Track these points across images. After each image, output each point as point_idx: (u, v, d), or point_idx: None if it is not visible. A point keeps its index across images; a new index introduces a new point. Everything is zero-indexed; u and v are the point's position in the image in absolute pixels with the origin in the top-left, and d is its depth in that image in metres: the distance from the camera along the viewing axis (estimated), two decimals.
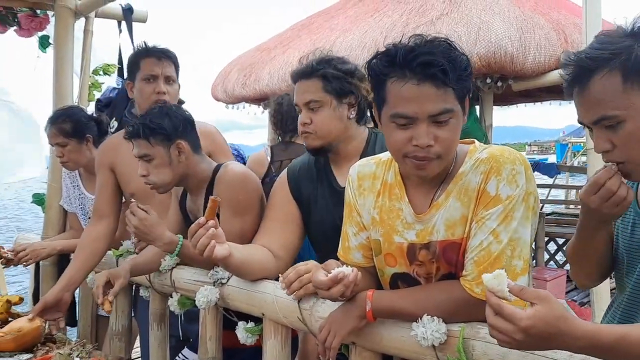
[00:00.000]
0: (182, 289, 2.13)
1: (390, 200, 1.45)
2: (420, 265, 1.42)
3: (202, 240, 1.56)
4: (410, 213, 1.41)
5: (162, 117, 1.98)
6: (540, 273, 5.20)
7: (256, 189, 2.07)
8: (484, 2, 4.49)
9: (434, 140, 1.26)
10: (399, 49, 1.25)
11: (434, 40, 1.26)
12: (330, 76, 1.79)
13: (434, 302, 1.36)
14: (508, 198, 1.28)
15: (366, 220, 1.51)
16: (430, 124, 1.25)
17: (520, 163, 1.30)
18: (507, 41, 4.07)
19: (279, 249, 1.88)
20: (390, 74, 1.26)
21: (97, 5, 3.13)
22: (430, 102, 1.24)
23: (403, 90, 1.24)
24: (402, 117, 1.26)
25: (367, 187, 1.51)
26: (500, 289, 1.04)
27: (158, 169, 1.99)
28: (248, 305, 1.87)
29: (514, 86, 4.40)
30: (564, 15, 4.65)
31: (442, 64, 1.21)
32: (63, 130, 2.64)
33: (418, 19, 4.61)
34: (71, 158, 2.69)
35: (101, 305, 2.01)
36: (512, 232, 1.28)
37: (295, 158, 2.14)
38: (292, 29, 6.17)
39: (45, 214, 3.11)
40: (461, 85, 1.26)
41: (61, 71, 3.08)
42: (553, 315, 1.00)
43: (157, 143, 1.97)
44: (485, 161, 1.32)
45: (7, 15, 3.27)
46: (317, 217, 1.90)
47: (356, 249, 1.55)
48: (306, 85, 1.82)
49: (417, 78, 1.23)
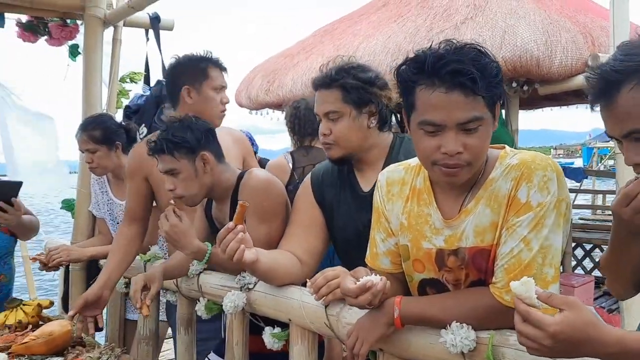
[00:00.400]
0: (209, 294, 2.15)
1: (418, 205, 1.45)
2: (449, 272, 1.42)
3: (231, 244, 1.58)
4: (439, 219, 1.41)
5: (184, 130, 1.99)
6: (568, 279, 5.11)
7: (280, 195, 2.08)
8: (508, 5, 4.45)
9: (462, 148, 1.25)
10: (428, 56, 1.24)
11: (464, 47, 1.25)
12: (349, 86, 1.78)
13: (463, 309, 1.35)
14: (539, 205, 1.27)
15: (394, 225, 1.51)
16: (459, 132, 1.25)
17: (552, 169, 1.29)
18: (532, 45, 4.03)
19: (303, 254, 1.89)
20: (419, 81, 1.26)
21: (125, 15, 3.19)
22: (458, 110, 1.23)
23: (431, 98, 1.24)
24: (430, 125, 1.26)
25: (396, 192, 1.51)
26: (528, 295, 1.04)
27: (185, 182, 2.00)
28: (275, 310, 1.88)
29: (540, 90, 4.35)
30: (591, 18, 4.58)
31: (471, 73, 1.20)
32: (93, 137, 2.69)
33: (442, 24, 4.59)
34: (100, 164, 2.74)
35: (139, 310, 2.03)
36: (543, 240, 1.27)
37: (318, 163, 2.15)
38: (315, 34, 6.19)
39: (74, 220, 3.16)
40: (491, 92, 1.25)
41: (90, 79, 3.14)
42: (582, 321, 0.99)
43: (182, 156, 1.98)
44: (516, 167, 1.31)
45: (38, 25, 3.35)
46: (339, 222, 1.91)
47: (384, 255, 1.55)
48: (325, 96, 1.82)
49: (446, 86, 1.22)
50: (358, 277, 1.37)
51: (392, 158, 1.85)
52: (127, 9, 3.08)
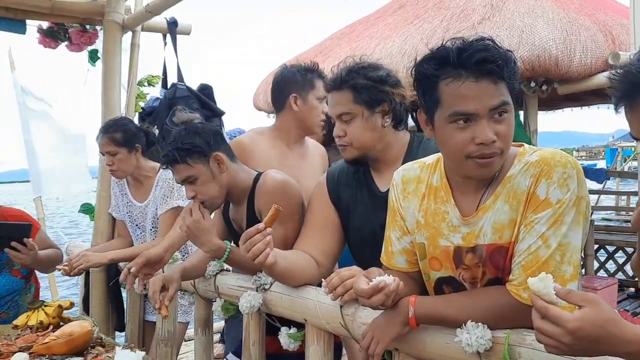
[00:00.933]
0: (226, 294, 2.16)
1: (435, 203, 1.44)
2: (467, 269, 1.41)
3: (258, 245, 1.58)
4: (456, 216, 1.40)
5: (192, 136, 2.01)
6: (590, 282, 5.04)
7: (296, 196, 2.08)
8: (526, 5, 4.41)
9: (495, 136, 1.26)
10: (450, 50, 1.25)
11: (481, 38, 1.27)
12: (359, 87, 1.77)
13: (479, 308, 1.34)
14: (558, 202, 1.26)
15: (410, 224, 1.51)
16: (490, 120, 1.25)
17: (572, 166, 1.28)
18: (551, 44, 3.99)
19: (319, 255, 1.89)
20: (443, 75, 1.26)
21: (143, 20, 3.23)
22: (489, 97, 1.24)
23: (462, 89, 1.24)
24: (462, 115, 1.25)
25: (412, 190, 1.51)
26: (547, 292, 1.02)
27: (204, 186, 2.01)
28: (290, 310, 1.89)
29: (559, 89, 4.30)
30: (611, 17, 4.52)
31: (497, 59, 1.22)
32: (114, 139, 2.72)
33: (459, 24, 4.57)
34: (120, 167, 2.77)
35: (158, 310, 2.04)
36: (562, 237, 1.25)
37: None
38: (332, 37, 6.20)
39: (94, 222, 3.21)
40: (513, 79, 1.27)
41: (109, 83, 3.19)
42: (602, 318, 0.97)
43: (196, 162, 1.99)
44: (535, 164, 1.30)
45: (58, 32, 3.41)
46: (356, 222, 1.90)
47: (399, 253, 1.55)
48: (337, 97, 1.81)
49: (475, 75, 1.23)
50: (371, 278, 1.37)
51: (412, 157, 1.82)
52: (144, 14, 3.12)
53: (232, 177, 2.08)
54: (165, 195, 2.80)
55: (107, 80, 3.19)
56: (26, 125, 5.04)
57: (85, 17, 3.33)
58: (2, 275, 2.50)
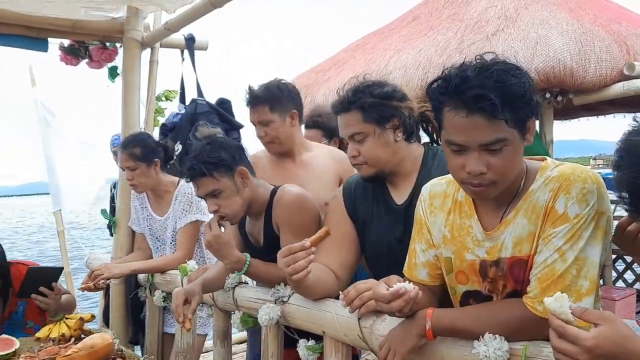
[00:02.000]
0: (245, 307, 2.19)
1: (460, 217, 1.47)
2: (492, 282, 1.43)
3: (301, 262, 1.62)
4: (479, 230, 1.42)
5: (218, 150, 2.04)
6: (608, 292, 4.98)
7: (312, 209, 2.12)
8: (540, 16, 4.41)
9: (486, 167, 1.26)
10: (453, 78, 1.26)
11: (489, 67, 1.24)
12: (367, 105, 1.79)
13: (496, 321, 1.35)
14: (577, 217, 1.27)
15: (436, 238, 1.53)
16: (482, 152, 1.26)
17: (592, 182, 1.28)
18: (566, 55, 3.99)
19: (337, 268, 1.91)
20: (445, 102, 1.28)
21: (161, 37, 3.29)
22: (480, 132, 1.24)
23: (455, 120, 1.26)
24: (454, 145, 1.29)
25: (438, 205, 1.54)
26: (563, 311, 1.03)
27: (228, 200, 2.04)
28: (309, 323, 1.91)
29: (574, 100, 4.29)
30: (625, 27, 4.51)
31: (491, 98, 1.19)
32: (133, 154, 2.78)
33: (473, 36, 4.58)
34: (140, 181, 2.82)
35: (181, 324, 2.06)
36: (579, 252, 1.26)
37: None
38: (346, 50, 6.24)
39: (114, 235, 3.26)
40: (517, 114, 1.24)
41: (129, 99, 3.25)
42: (619, 335, 0.98)
43: (222, 175, 2.02)
44: (555, 179, 1.32)
45: (79, 49, 3.48)
46: (372, 236, 1.92)
47: (422, 265, 1.57)
48: (347, 119, 1.83)
49: (467, 110, 1.23)
50: (390, 284, 1.39)
51: (426, 170, 1.86)
52: (163, 31, 3.18)
53: (253, 192, 2.12)
54: (184, 209, 2.84)
55: (126, 96, 3.25)
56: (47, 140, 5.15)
57: (105, 34, 3.40)
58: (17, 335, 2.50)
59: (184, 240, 2.82)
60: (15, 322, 2.67)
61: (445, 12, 5.30)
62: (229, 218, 2.07)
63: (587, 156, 72.72)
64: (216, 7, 2.63)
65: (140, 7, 3.13)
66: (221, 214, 2.05)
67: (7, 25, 3.16)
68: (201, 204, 2.84)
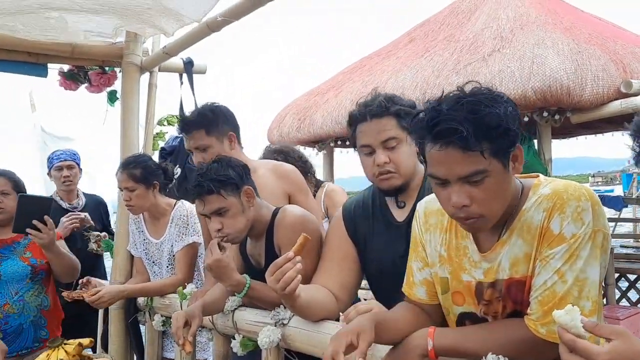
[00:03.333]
0: (244, 330, 2.16)
1: (456, 237, 1.45)
2: (487, 305, 1.41)
3: (289, 273, 1.58)
4: (475, 251, 1.41)
5: (226, 169, 2.04)
6: (612, 311, 4.94)
7: (315, 230, 2.10)
8: (536, 36, 4.46)
9: (469, 200, 1.24)
10: (426, 112, 1.25)
11: (462, 98, 1.22)
12: (402, 112, 1.79)
13: (499, 341, 1.33)
14: (573, 237, 1.24)
15: (431, 256, 1.51)
16: (464, 184, 1.24)
17: (586, 199, 1.26)
18: (562, 74, 4.02)
19: (338, 290, 1.90)
20: (423, 137, 1.27)
21: (160, 61, 3.31)
22: (457, 166, 1.22)
23: (432, 154, 1.25)
24: (436, 178, 1.28)
25: (434, 223, 1.51)
26: (574, 324, 1.01)
27: (233, 219, 2.04)
28: (309, 345, 1.89)
29: (572, 118, 4.32)
30: (621, 45, 4.56)
31: (460, 131, 1.17)
32: (133, 175, 2.77)
33: (469, 57, 4.63)
34: (137, 203, 2.81)
35: (182, 347, 2.04)
36: (579, 272, 1.24)
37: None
38: (344, 72, 6.30)
39: (113, 259, 3.23)
40: (494, 145, 1.21)
41: (128, 123, 3.25)
42: (632, 351, 0.95)
43: (229, 194, 2.02)
44: (548, 197, 1.29)
45: (78, 74, 3.50)
46: (373, 254, 1.91)
47: (420, 284, 1.55)
48: (381, 124, 1.80)
49: (440, 144, 1.22)
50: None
51: (427, 189, 1.84)
52: (162, 55, 3.20)
53: (257, 212, 2.11)
54: (181, 232, 2.83)
55: (125, 120, 3.25)
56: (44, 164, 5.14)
57: (104, 59, 3.42)
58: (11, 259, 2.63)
59: (182, 263, 2.80)
60: (15, 250, 2.78)
61: (442, 33, 5.37)
62: (231, 238, 2.06)
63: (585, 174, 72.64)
64: (214, 31, 2.65)
65: (139, 32, 3.16)
66: (223, 233, 2.04)
67: (8, 51, 3.18)
68: (197, 226, 2.83)
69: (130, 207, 2.83)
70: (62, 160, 3.80)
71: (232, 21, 2.55)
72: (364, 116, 1.83)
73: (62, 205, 3.76)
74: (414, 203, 1.84)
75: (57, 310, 2.95)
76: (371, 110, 1.81)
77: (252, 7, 2.35)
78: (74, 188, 3.86)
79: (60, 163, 3.79)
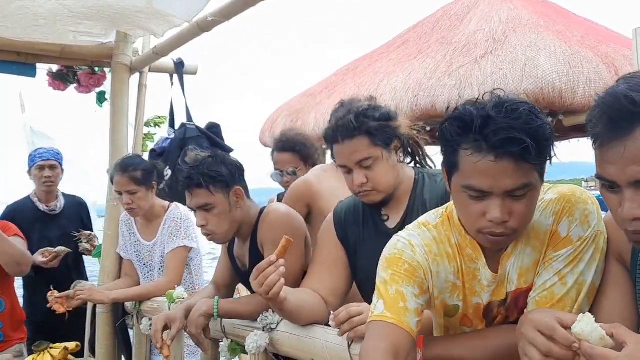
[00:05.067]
0: (232, 334, 2.13)
1: (466, 262, 1.35)
2: (493, 322, 1.37)
3: (272, 277, 1.54)
4: (487, 275, 1.32)
5: (219, 165, 2.01)
6: None
7: (299, 228, 2.06)
8: (528, 38, 4.46)
9: (509, 215, 1.16)
10: (475, 118, 1.13)
11: (516, 108, 1.12)
12: (374, 129, 1.73)
13: (490, 348, 1.31)
14: (579, 239, 1.23)
15: (440, 288, 1.37)
16: (506, 198, 1.15)
17: (592, 202, 1.25)
18: (554, 76, 4.02)
19: (328, 294, 1.87)
20: (464, 144, 1.16)
21: (150, 61, 3.29)
22: (507, 178, 1.13)
23: (479, 165, 1.13)
24: (475, 191, 1.17)
25: (437, 252, 1.37)
26: (594, 328, 0.97)
27: (218, 218, 2.00)
28: (298, 350, 1.86)
29: (564, 121, 4.32)
30: (613, 48, 4.57)
31: (524, 142, 1.09)
32: (134, 178, 2.71)
33: (462, 59, 4.62)
34: (140, 205, 2.76)
35: (160, 350, 2.01)
36: (579, 275, 1.22)
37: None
38: (336, 74, 6.28)
39: (101, 262, 3.20)
40: (543, 157, 1.16)
41: (117, 124, 3.22)
42: None
43: (218, 191, 1.99)
44: (556, 201, 1.27)
45: (67, 74, 3.47)
46: (363, 260, 1.88)
47: (414, 313, 1.30)
48: (353, 145, 1.74)
49: (495, 154, 1.11)
50: None
51: (418, 194, 1.83)
52: (152, 56, 3.17)
53: (245, 214, 2.08)
54: (172, 234, 2.80)
55: (115, 120, 3.22)
56: None
57: (93, 59, 3.39)
58: None
59: (171, 266, 2.76)
60: None
61: (434, 35, 5.36)
62: (215, 237, 2.03)
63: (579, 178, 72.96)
64: (204, 31, 2.63)
65: (129, 32, 3.13)
66: (208, 231, 2.01)
67: None
68: (189, 229, 2.80)
69: (131, 210, 2.79)
70: (44, 160, 3.56)
71: (223, 21, 2.53)
72: (335, 138, 1.78)
73: (38, 207, 3.60)
74: (405, 210, 1.82)
75: (14, 312, 2.89)
76: (342, 133, 1.75)
77: (243, 7, 2.33)
78: (54, 189, 3.65)
79: (43, 162, 3.55)
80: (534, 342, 1.03)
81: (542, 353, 1.02)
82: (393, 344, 1.24)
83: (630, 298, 1.21)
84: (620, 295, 1.22)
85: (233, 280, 2.35)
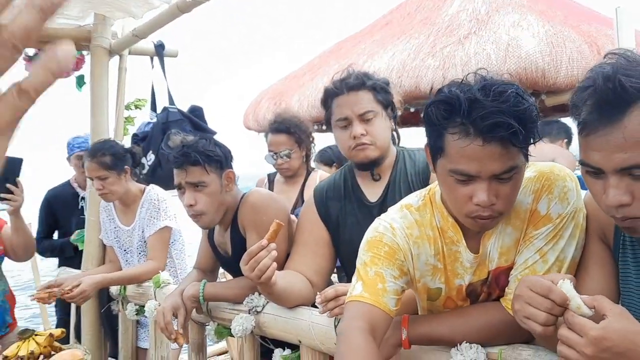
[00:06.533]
0: (218, 317, 2.13)
1: (447, 244, 1.35)
2: (480, 299, 1.38)
3: (265, 261, 1.54)
4: (468, 257, 1.33)
5: (214, 146, 2.02)
6: None
7: (281, 209, 2.03)
8: (511, 18, 4.46)
9: (495, 197, 1.16)
10: (463, 101, 1.11)
11: (503, 90, 1.10)
12: (378, 87, 1.81)
13: (473, 327, 1.32)
14: (559, 217, 1.24)
15: (421, 270, 1.38)
16: (492, 181, 1.15)
17: (570, 179, 1.26)
18: (537, 56, 4.03)
19: (312, 275, 1.87)
20: (451, 128, 1.14)
21: (129, 44, 3.22)
22: (495, 162, 1.12)
23: (466, 150, 1.12)
24: (462, 174, 1.16)
25: (417, 235, 1.37)
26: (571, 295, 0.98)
27: (210, 198, 1.99)
28: (284, 332, 1.86)
29: (547, 101, 4.33)
30: (595, 28, 4.58)
31: (512, 126, 1.07)
32: (103, 163, 2.67)
33: (445, 39, 4.61)
34: (112, 190, 2.72)
35: (174, 341, 1.99)
36: (560, 252, 1.23)
37: None
38: (320, 56, 6.24)
39: (84, 248, 3.16)
40: (530, 141, 1.15)
41: (97, 108, 3.16)
42: (628, 329, 0.92)
43: (212, 170, 1.98)
44: (535, 180, 1.27)
45: None
46: (346, 235, 1.88)
47: (393, 293, 1.31)
48: (358, 97, 1.80)
49: (483, 139, 1.10)
50: None
51: (399, 171, 1.86)
52: (131, 38, 3.11)
53: (232, 199, 2.07)
54: (152, 217, 2.76)
55: (95, 105, 3.16)
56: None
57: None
58: None
59: (156, 249, 2.72)
60: None
61: (418, 16, 5.33)
62: (202, 219, 2.01)
63: None
64: (184, 12, 2.58)
65: (107, 15, 3.06)
66: (196, 211, 1.98)
67: None
68: (169, 210, 2.76)
69: (103, 195, 2.75)
70: (83, 150, 3.60)
71: (203, 2, 2.49)
72: (340, 89, 1.82)
73: (78, 193, 3.79)
74: (386, 183, 1.85)
75: (13, 296, 2.88)
76: (348, 84, 1.81)
77: None
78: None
79: (81, 152, 3.61)
80: (533, 302, 1.02)
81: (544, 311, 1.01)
82: (370, 323, 1.25)
83: (612, 277, 1.22)
84: (602, 275, 1.23)
85: (215, 266, 2.35)
